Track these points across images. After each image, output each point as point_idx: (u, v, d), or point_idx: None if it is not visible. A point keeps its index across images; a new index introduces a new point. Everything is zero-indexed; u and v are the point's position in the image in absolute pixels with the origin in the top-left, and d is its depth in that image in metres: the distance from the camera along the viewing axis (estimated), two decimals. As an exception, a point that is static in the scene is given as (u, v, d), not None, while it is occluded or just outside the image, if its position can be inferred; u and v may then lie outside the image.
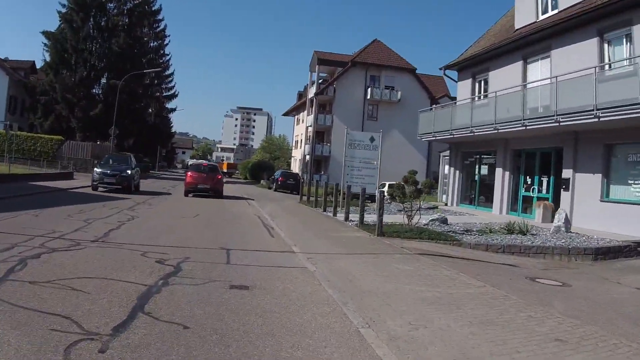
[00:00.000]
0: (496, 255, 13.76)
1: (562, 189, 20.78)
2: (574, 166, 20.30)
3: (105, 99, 55.74)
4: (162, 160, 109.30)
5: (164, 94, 77.23)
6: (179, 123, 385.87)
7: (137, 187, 29.74)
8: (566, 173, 20.60)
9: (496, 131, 22.20)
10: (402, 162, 63.82)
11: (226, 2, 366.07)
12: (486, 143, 25.71)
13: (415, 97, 63.78)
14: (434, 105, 30.04)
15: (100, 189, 27.14)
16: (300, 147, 72.99)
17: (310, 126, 65.77)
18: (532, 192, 22.82)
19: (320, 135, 65.62)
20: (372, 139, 24.09)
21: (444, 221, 17.85)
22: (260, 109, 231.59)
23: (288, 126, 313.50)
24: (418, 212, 15.97)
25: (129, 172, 27.52)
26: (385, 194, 33.51)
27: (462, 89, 29.38)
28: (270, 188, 46.20)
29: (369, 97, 62.99)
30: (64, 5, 55.24)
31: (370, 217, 18.03)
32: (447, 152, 46.05)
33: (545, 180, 22.39)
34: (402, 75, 64.51)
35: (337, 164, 61.81)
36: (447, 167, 44.16)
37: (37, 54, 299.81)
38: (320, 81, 66.45)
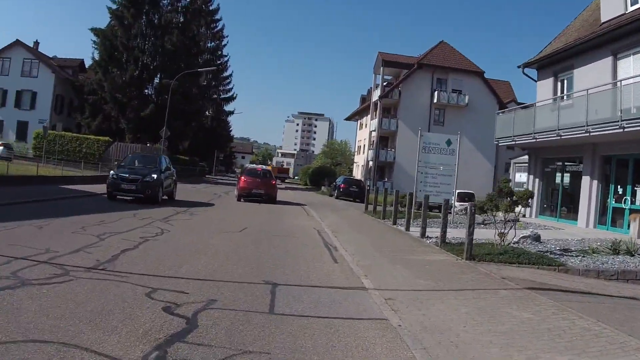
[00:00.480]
0: (609, 283, 11.37)
1: (664, 201, 18.09)
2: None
3: (157, 99, 54.48)
4: (219, 165, 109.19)
5: (222, 96, 76.51)
6: (239, 128, 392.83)
7: (172, 195, 24.69)
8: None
9: (587, 134, 19.59)
10: (469, 170, 60.94)
11: (288, 6, 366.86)
12: (571, 148, 23.07)
13: (483, 102, 60.90)
14: (515, 107, 27.53)
15: (119, 197, 21.43)
16: (363, 152, 70.90)
17: (374, 131, 63.59)
18: (624, 203, 20.05)
19: (384, 141, 63.40)
20: (449, 142, 21.58)
21: (537, 238, 15.43)
22: (322, 115, 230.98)
23: (350, 132, 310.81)
24: (513, 228, 13.43)
25: (154, 176, 21.37)
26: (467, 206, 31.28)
27: (542, 89, 26.69)
28: (331, 195, 44.25)
29: (435, 100, 60.38)
30: (114, 1, 53.38)
31: (449, 234, 15.72)
32: (520, 159, 43.40)
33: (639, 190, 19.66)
34: (470, 79, 61.61)
35: (401, 171, 59.67)
36: (520, 174, 41.44)
37: (87, 52, 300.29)
38: (384, 84, 64.22)
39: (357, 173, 71.78)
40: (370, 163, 64.51)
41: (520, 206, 14.10)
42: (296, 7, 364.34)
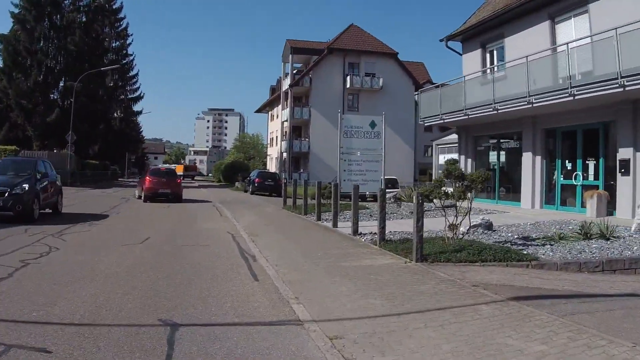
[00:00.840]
0: (597, 277, 9.14)
1: (619, 173, 16.30)
2: (634, 143, 15.82)
3: (63, 103, 50.49)
4: (132, 167, 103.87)
5: (129, 96, 71.99)
6: (151, 129, 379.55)
7: (57, 207, 19.34)
8: (624, 153, 16.14)
9: (530, 105, 17.60)
10: (389, 154, 58.68)
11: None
12: (507, 123, 21.15)
13: (398, 84, 59.74)
14: (437, 84, 25.37)
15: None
16: (276, 144, 68.09)
17: (286, 121, 60.94)
18: (575, 179, 18.29)
19: (297, 130, 60.86)
20: (372, 124, 19.32)
21: (489, 226, 13.15)
22: (232, 109, 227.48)
23: (262, 125, 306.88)
24: (467, 217, 10.88)
25: (25, 186, 16.11)
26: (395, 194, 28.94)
27: (469, 62, 24.73)
28: (246, 191, 41.17)
29: (348, 85, 58.37)
30: (16, 5, 49.77)
31: (373, 225, 13.19)
32: (443, 140, 41.91)
33: (592, 164, 17.87)
34: (383, 61, 60.07)
35: (317, 160, 57.33)
36: (443, 156, 40.02)
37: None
38: (294, 72, 61.55)
39: (272, 166, 68.92)
40: (284, 154, 61.80)
41: (473, 191, 11.67)
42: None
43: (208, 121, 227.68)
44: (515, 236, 12.38)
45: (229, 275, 9.07)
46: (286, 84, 61.08)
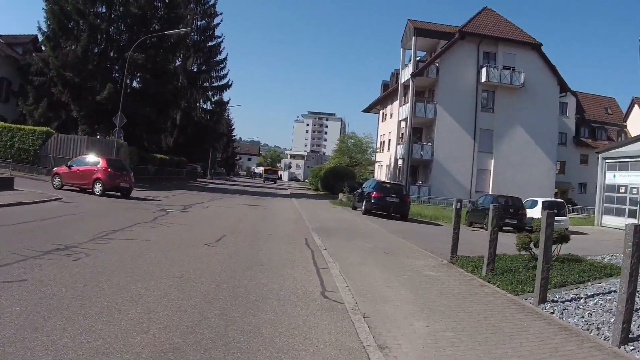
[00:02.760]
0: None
1: None
2: None
3: (121, 80, 40.14)
4: (218, 167, 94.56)
5: (214, 83, 61.89)
6: (248, 131, 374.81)
7: None
8: None
9: None
10: (527, 169, 46.08)
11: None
12: None
13: (540, 82, 46.59)
14: None
15: None
16: (388, 149, 55.86)
17: (404, 120, 48.60)
18: None
19: (417, 133, 48.36)
20: None
21: None
22: (333, 114, 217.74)
23: (367, 127, 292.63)
24: None
25: None
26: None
27: None
28: (355, 208, 29.11)
29: (483, 79, 45.46)
30: None
31: None
32: (616, 153, 30.12)
33: None
34: (524, 53, 47.03)
35: (442, 171, 44.51)
36: (614, 174, 29.63)
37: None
38: (418, 60, 49.11)
39: (380, 175, 56.69)
40: (400, 162, 49.47)
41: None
42: None
43: (307, 125, 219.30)
44: None
45: None
46: (406, 74, 48.76)
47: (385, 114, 60.25)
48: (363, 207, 26.33)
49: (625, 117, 65.88)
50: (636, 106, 63.91)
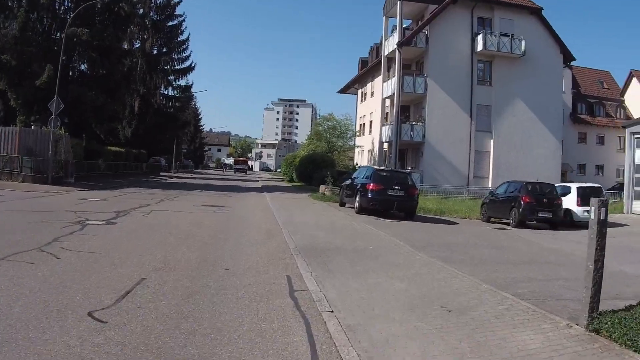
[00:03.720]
0: None
1: None
2: None
3: (66, 63, 33.56)
4: (185, 159, 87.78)
5: (176, 66, 55.40)
6: (217, 122, 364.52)
7: None
8: None
9: None
10: (528, 149, 40.66)
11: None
12: None
13: (542, 52, 40.88)
14: None
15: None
16: (370, 131, 49.80)
17: (390, 97, 42.64)
18: None
19: (404, 112, 42.37)
20: None
21: None
22: (304, 100, 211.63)
23: (342, 112, 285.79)
24: None
25: None
26: None
27: None
28: (344, 204, 23.04)
29: (480, 48, 39.68)
30: None
31: None
32: None
33: None
34: (523, 19, 41.29)
35: (435, 155, 38.56)
36: None
37: None
38: (404, 28, 43.03)
39: (361, 161, 50.60)
40: (385, 145, 43.53)
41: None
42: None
43: (278, 112, 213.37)
44: None
45: None
46: (390, 45, 42.68)
47: (365, 93, 54.09)
48: (356, 204, 20.08)
49: (622, 92, 60.67)
50: (634, 79, 58.67)
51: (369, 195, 19.15)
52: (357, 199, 19.87)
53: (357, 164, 43.59)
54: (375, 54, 51.37)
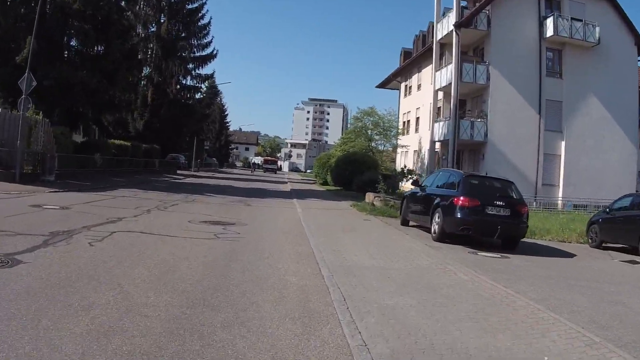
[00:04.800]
0: None
1: None
2: None
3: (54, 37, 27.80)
4: (209, 157, 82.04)
5: (196, 54, 49.72)
6: (245, 119, 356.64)
7: None
8: None
9: None
10: (600, 154, 33.71)
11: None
12: None
13: (616, 41, 34.21)
14: None
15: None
16: (415, 130, 43.20)
17: (442, 89, 36.05)
18: None
19: (460, 107, 35.57)
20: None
21: None
22: (335, 101, 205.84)
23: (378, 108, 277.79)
24: None
25: None
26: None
27: None
28: (407, 222, 16.38)
29: (549, 34, 33.06)
30: None
31: None
32: None
33: None
34: (594, 4, 34.52)
35: (498, 158, 32.21)
36: None
37: None
38: (462, 6, 36.36)
39: (405, 162, 43.87)
40: (438, 145, 36.93)
41: None
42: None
43: (308, 112, 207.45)
44: None
45: None
46: (444, 27, 36.16)
47: (409, 87, 47.37)
48: (436, 227, 13.40)
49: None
50: None
51: (459, 214, 12.50)
52: (438, 219, 13.16)
53: (405, 167, 36.68)
54: (422, 43, 44.88)
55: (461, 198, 12.61)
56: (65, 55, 29.39)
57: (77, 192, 20.02)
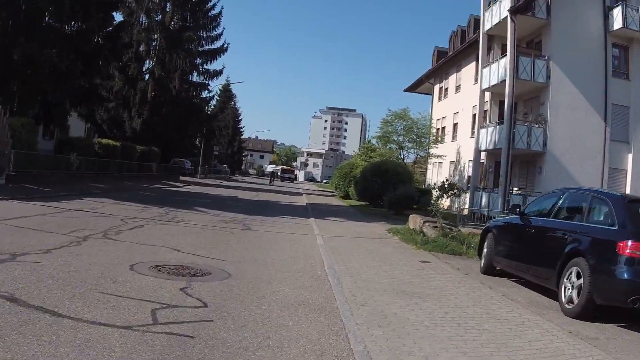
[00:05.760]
0: None
1: None
2: None
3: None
4: (220, 163, 76.79)
5: (204, 47, 44.63)
6: (260, 127, 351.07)
7: None
8: None
9: None
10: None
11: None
12: None
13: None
14: None
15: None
16: (453, 138, 37.40)
17: (491, 88, 30.27)
18: None
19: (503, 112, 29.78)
20: None
21: None
22: (354, 110, 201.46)
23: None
24: None
25: None
26: None
27: None
28: (492, 269, 10.29)
29: (616, 26, 27.36)
30: None
31: None
32: None
33: None
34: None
35: (558, 171, 26.20)
36: None
37: None
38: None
39: (439, 175, 37.96)
40: (483, 155, 31.14)
41: None
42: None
43: (326, 121, 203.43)
44: None
45: None
46: (494, 16, 30.43)
47: (445, 89, 41.52)
48: (578, 294, 7.16)
49: None
50: None
51: (626, 273, 6.50)
52: (578, 279, 6.94)
53: (446, 180, 30.72)
54: (460, 40, 39.16)
55: (629, 242, 6.69)
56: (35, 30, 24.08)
57: (18, 202, 14.55)
